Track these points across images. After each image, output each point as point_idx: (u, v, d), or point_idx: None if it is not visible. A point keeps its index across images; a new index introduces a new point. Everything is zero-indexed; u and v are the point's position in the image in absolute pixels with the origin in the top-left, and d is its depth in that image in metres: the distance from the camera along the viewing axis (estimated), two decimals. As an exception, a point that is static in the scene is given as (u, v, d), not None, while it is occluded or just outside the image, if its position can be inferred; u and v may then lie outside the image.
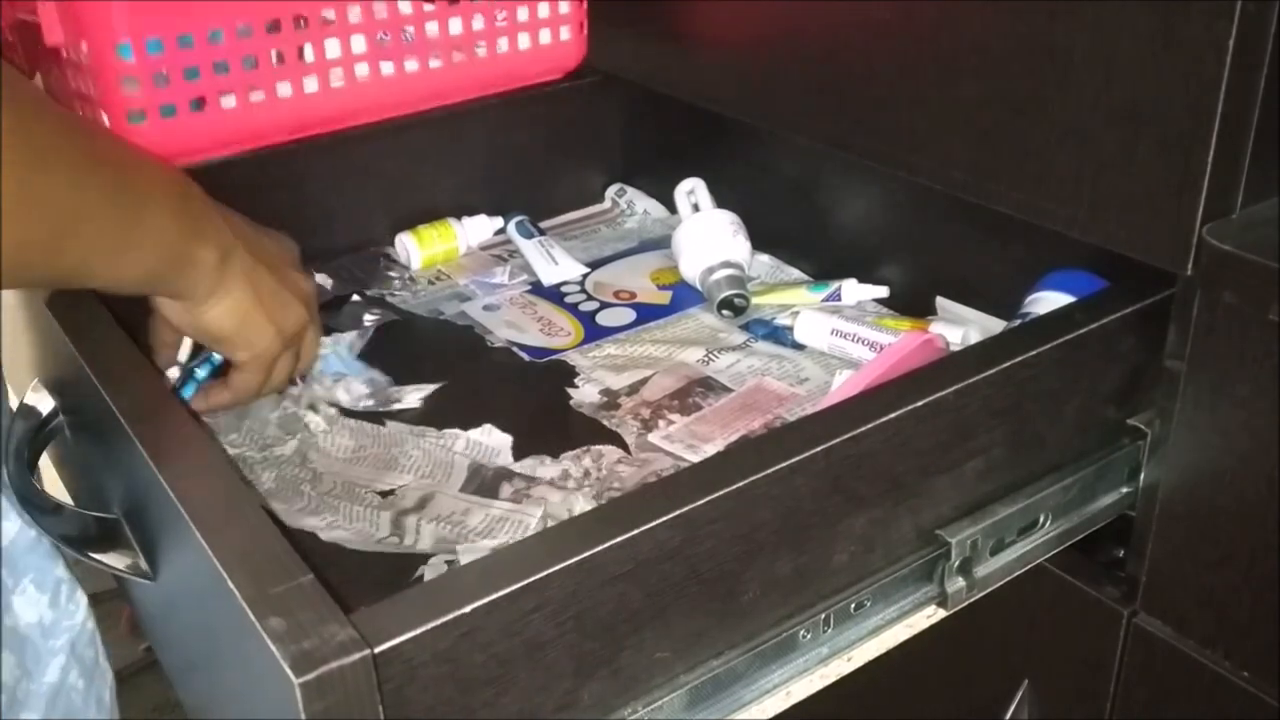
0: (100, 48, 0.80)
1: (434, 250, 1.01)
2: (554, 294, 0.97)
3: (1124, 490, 0.67)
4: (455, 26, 0.96)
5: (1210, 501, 0.63)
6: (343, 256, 1.00)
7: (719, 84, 0.86)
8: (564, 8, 1.01)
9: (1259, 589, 0.61)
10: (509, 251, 1.04)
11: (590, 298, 0.96)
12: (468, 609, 0.43)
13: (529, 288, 0.98)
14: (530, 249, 1.02)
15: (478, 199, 1.06)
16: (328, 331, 0.90)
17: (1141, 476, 0.66)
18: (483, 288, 0.98)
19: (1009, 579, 0.63)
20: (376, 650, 0.40)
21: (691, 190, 1.00)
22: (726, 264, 0.92)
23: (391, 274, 1.00)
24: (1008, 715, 0.76)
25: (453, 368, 0.86)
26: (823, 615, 0.56)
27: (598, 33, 1.01)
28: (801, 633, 0.56)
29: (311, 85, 0.90)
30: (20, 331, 0.75)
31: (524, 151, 1.07)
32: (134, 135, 0.82)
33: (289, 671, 0.38)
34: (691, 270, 0.94)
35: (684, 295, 0.96)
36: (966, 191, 0.70)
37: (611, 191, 1.13)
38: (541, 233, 1.04)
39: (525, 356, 0.88)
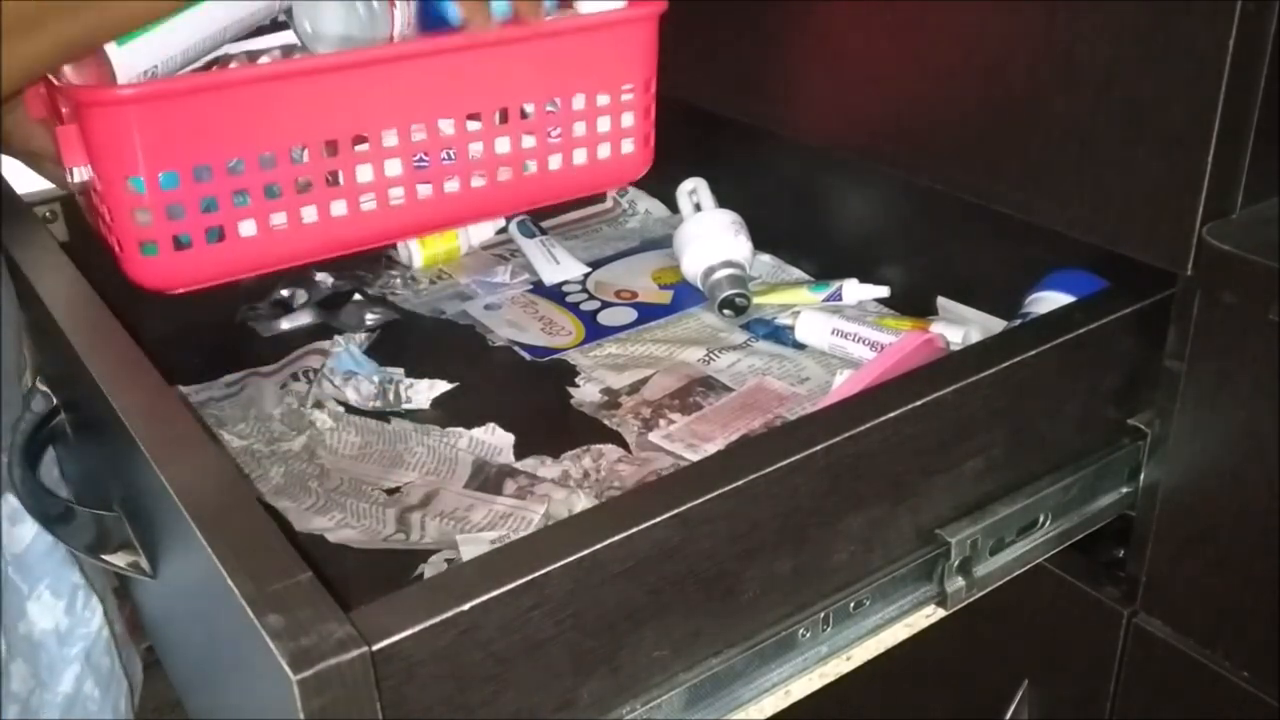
0: (112, 178, 0.73)
1: (435, 249, 1.01)
2: (555, 293, 0.97)
3: (1124, 490, 0.67)
4: (502, 145, 0.86)
5: (1210, 501, 0.63)
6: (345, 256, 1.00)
7: (720, 85, 0.86)
8: (627, 121, 0.90)
9: (1259, 589, 0.61)
10: (510, 251, 1.04)
11: (591, 297, 0.96)
12: (466, 607, 0.43)
13: (530, 287, 0.98)
14: (532, 248, 1.02)
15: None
16: (334, 331, 0.91)
17: (1141, 476, 0.66)
18: (484, 287, 0.98)
19: (1009, 579, 0.63)
20: (375, 648, 0.40)
21: (693, 190, 1.00)
22: (727, 263, 0.92)
23: (393, 273, 1.00)
24: (1008, 715, 0.76)
25: (455, 367, 0.86)
26: (822, 614, 0.56)
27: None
28: (801, 632, 0.56)
29: (340, 209, 0.82)
30: (21, 331, 0.76)
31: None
32: (146, 266, 0.77)
33: (287, 668, 0.38)
34: (693, 269, 0.94)
35: (685, 295, 0.96)
36: (966, 191, 0.70)
37: (612, 191, 1.13)
38: (543, 232, 1.04)
39: (526, 356, 0.88)
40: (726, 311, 0.91)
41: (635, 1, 0.87)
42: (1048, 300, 0.73)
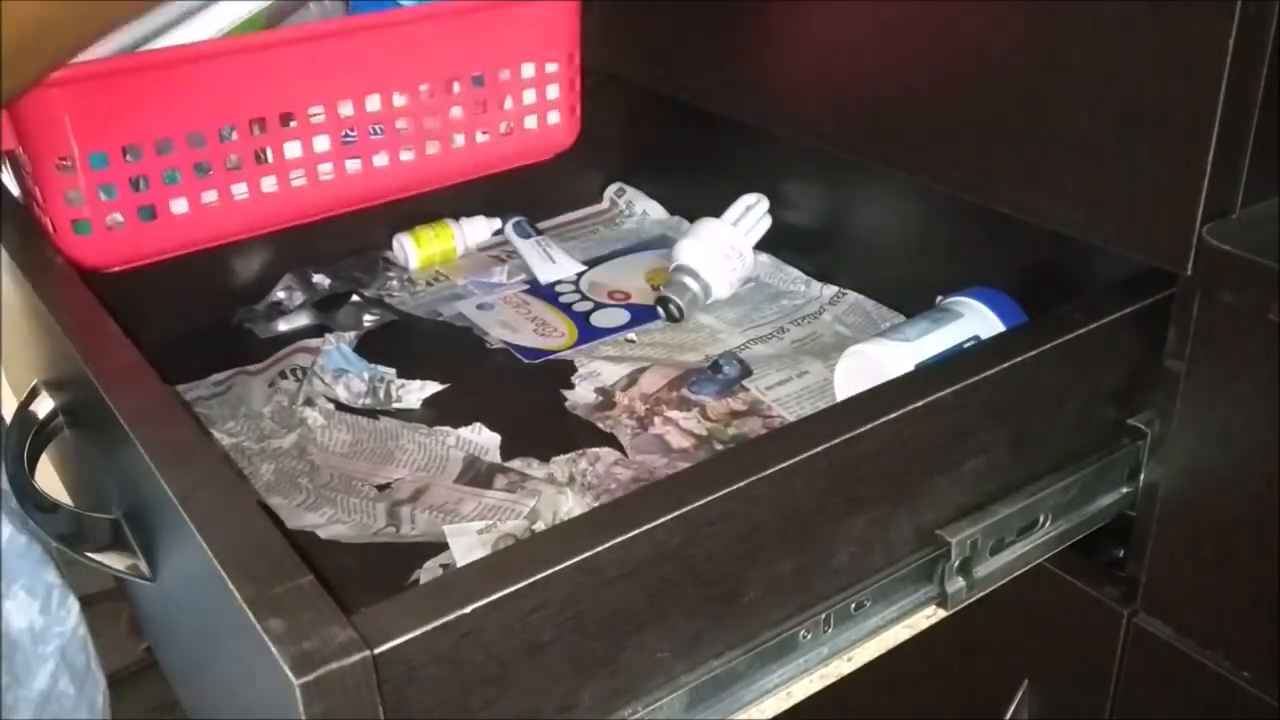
0: (42, 159, 0.74)
1: (431, 251, 1.01)
2: (549, 293, 0.97)
3: (1124, 490, 0.67)
4: (429, 120, 0.88)
5: (1210, 501, 0.63)
6: (341, 258, 1.00)
7: (719, 85, 0.86)
8: (552, 93, 0.93)
9: (1259, 589, 0.61)
10: (507, 252, 1.04)
11: (585, 298, 0.96)
12: (468, 610, 0.43)
13: (526, 287, 0.98)
14: (528, 249, 1.02)
15: (476, 200, 1.05)
16: (328, 330, 0.91)
17: (1141, 476, 0.66)
18: (481, 288, 0.98)
19: (1009, 579, 0.63)
20: (376, 651, 0.40)
21: (750, 206, 0.97)
22: (686, 269, 0.92)
23: (389, 275, 1.00)
24: (1008, 715, 0.76)
25: (450, 368, 0.86)
26: (823, 615, 0.56)
27: (598, 34, 1.00)
28: (801, 633, 0.56)
29: (270, 185, 0.83)
30: (20, 331, 0.75)
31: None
32: (80, 245, 0.77)
33: (289, 672, 0.38)
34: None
35: (682, 296, 0.96)
36: (966, 191, 0.70)
37: (611, 191, 1.12)
38: (539, 233, 1.04)
39: (521, 358, 0.88)
40: (660, 309, 0.92)
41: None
42: (968, 306, 0.76)
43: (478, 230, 1.04)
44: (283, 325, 0.93)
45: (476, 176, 0.94)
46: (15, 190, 0.82)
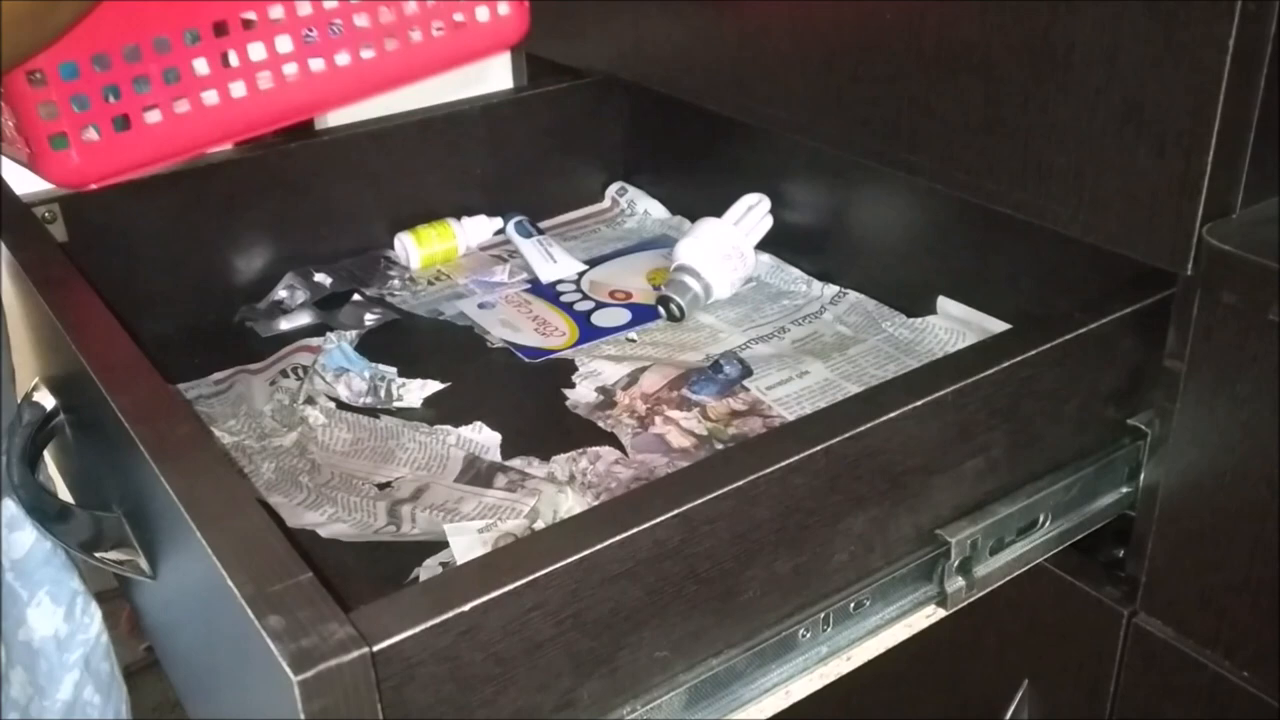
0: (13, 76, 0.74)
1: (433, 250, 1.01)
2: (549, 293, 0.97)
3: (1124, 490, 0.67)
4: (386, 15, 0.88)
5: (1210, 501, 0.63)
6: (343, 257, 1.00)
7: (719, 84, 0.86)
8: None
9: (1259, 589, 0.61)
10: (508, 252, 1.04)
11: (586, 297, 0.96)
12: (466, 607, 0.43)
13: (528, 286, 0.98)
14: (529, 248, 1.02)
15: (477, 199, 1.06)
16: (329, 329, 0.91)
17: (1141, 476, 0.66)
18: (482, 287, 0.98)
19: (1009, 579, 0.63)
20: (375, 648, 0.40)
21: (752, 206, 0.97)
22: (688, 270, 0.92)
23: (391, 274, 1.00)
24: (1008, 715, 0.76)
25: (451, 367, 0.87)
26: (822, 615, 0.56)
27: (598, 33, 1.01)
28: (801, 632, 0.56)
29: (239, 90, 0.84)
30: (20, 331, 0.75)
31: (524, 151, 1.07)
32: (59, 162, 0.77)
33: (288, 669, 0.38)
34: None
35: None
36: (966, 191, 0.70)
37: (612, 190, 1.13)
38: (540, 232, 1.04)
39: (521, 357, 0.88)
40: (660, 309, 0.92)
41: None
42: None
43: (479, 229, 1.04)
44: (284, 324, 0.93)
45: (436, 74, 0.93)
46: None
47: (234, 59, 0.83)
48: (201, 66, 0.82)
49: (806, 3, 0.77)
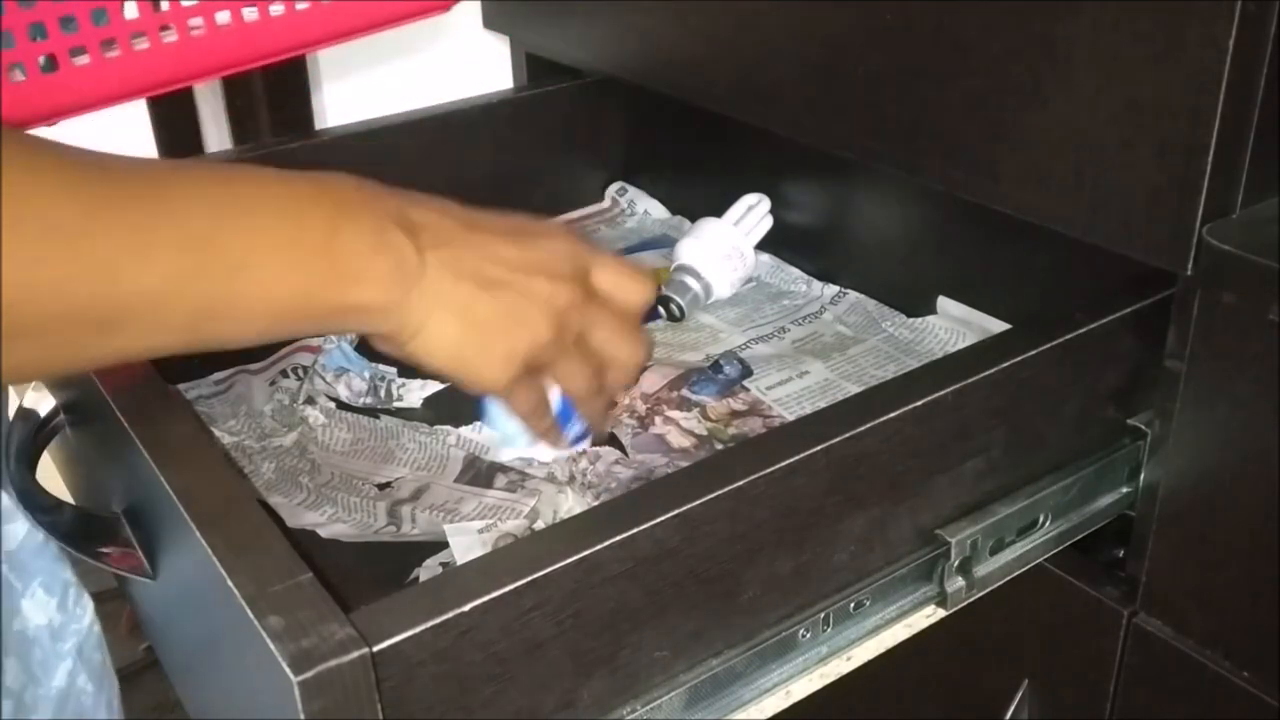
0: None
1: (434, 250, 1.01)
2: (553, 293, 0.97)
3: (1124, 490, 0.67)
4: None
5: (1210, 501, 0.63)
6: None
7: (719, 85, 0.86)
8: None
9: (1259, 589, 0.61)
10: (509, 251, 1.04)
11: (589, 297, 0.96)
12: (467, 608, 0.43)
13: (529, 287, 0.98)
14: (530, 249, 1.02)
15: (477, 199, 1.05)
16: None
17: (1141, 476, 0.66)
18: (483, 287, 0.98)
19: (1009, 579, 0.63)
20: (375, 649, 0.40)
21: (752, 206, 0.97)
22: (688, 270, 0.92)
23: (392, 274, 1.00)
24: (1008, 715, 0.76)
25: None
26: (822, 615, 0.56)
27: (598, 34, 1.01)
28: (801, 632, 0.56)
29: (170, 36, 0.82)
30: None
31: (524, 151, 1.07)
32: None
33: (288, 670, 0.38)
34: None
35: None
36: (966, 191, 0.70)
37: (612, 190, 1.12)
38: (542, 233, 1.04)
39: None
40: (660, 309, 0.92)
41: None
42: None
43: (479, 230, 1.04)
44: (285, 325, 0.93)
45: (376, 29, 0.92)
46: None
47: (164, 3, 0.82)
48: (131, 10, 0.80)
49: (807, 2, 0.77)
